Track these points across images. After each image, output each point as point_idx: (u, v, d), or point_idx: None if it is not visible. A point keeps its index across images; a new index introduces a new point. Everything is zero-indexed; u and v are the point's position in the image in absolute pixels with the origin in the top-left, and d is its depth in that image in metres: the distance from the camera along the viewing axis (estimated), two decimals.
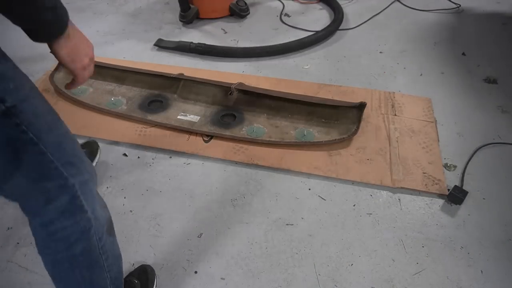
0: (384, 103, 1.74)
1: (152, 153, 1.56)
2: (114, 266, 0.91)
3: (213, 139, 1.59)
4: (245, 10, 2.39)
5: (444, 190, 1.38)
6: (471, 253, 1.23)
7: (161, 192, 1.42)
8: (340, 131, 1.56)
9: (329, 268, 1.20)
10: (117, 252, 0.95)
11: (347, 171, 1.45)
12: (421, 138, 1.57)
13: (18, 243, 1.28)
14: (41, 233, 0.77)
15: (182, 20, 2.36)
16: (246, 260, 1.23)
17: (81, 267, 0.81)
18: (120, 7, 2.59)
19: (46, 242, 0.79)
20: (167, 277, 1.19)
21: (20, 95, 0.64)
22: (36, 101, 0.69)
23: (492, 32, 2.24)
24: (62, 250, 0.78)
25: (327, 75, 1.96)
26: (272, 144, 1.52)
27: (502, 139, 1.58)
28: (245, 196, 1.40)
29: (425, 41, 2.18)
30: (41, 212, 0.73)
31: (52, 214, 0.73)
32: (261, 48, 2.06)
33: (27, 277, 1.19)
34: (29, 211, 0.75)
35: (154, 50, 2.17)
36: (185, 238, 1.29)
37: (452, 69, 1.97)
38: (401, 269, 1.19)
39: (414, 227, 1.30)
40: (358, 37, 2.24)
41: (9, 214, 1.36)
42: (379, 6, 2.50)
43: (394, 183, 1.41)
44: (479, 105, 1.75)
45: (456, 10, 2.45)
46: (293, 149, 1.53)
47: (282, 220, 1.33)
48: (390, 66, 2.01)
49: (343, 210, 1.35)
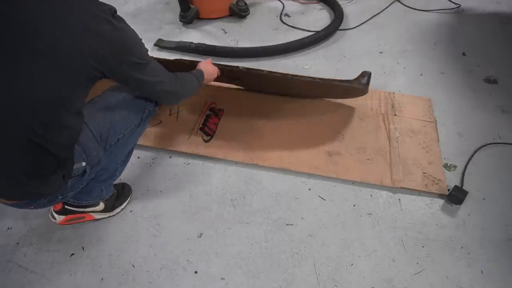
0: (384, 103, 1.74)
1: (152, 153, 1.56)
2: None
3: (213, 139, 1.59)
4: (245, 10, 2.39)
5: (444, 190, 1.38)
6: (471, 253, 1.23)
7: (161, 192, 1.42)
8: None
9: (329, 268, 1.20)
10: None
11: (347, 171, 1.45)
12: (421, 138, 1.57)
13: (18, 243, 1.28)
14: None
15: (182, 20, 2.36)
16: (246, 260, 1.23)
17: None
18: (120, 7, 2.59)
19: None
20: (167, 277, 1.19)
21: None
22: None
23: (492, 32, 2.23)
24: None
25: (327, 75, 1.94)
26: (296, 81, 1.46)
27: (502, 139, 1.58)
28: (245, 196, 1.40)
29: (425, 41, 2.18)
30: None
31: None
32: (261, 48, 2.06)
33: (27, 277, 1.19)
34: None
35: (154, 50, 2.17)
36: (185, 238, 1.29)
37: (452, 69, 1.97)
38: (401, 269, 1.19)
39: (414, 227, 1.30)
40: (358, 37, 2.24)
41: (9, 214, 1.36)
42: (379, 6, 2.49)
43: (394, 183, 1.41)
44: (479, 105, 1.75)
45: (456, 10, 2.45)
46: (293, 149, 1.53)
47: (282, 220, 1.33)
48: (390, 66, 2.01)
49: (343, 210, 1.35)
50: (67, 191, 1.00)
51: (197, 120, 1.67)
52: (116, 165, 1.20)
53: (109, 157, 1.08)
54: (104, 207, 1.30)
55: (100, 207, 1.29)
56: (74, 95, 0.85)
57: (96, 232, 1.30)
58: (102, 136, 1.01)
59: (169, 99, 1.14)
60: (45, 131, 0.82)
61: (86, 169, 0.99)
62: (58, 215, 1.27)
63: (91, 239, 1.29)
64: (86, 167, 0.98)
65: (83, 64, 0.81)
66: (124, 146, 1.14)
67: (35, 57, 0.76)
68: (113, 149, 1.07)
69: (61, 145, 0.88)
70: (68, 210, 1.26)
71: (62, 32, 0.77)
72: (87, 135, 0.98)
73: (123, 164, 1.25)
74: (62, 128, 0.86)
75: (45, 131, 0.82)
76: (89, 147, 0.98)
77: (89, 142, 0.98)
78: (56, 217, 1.27)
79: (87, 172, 1.00)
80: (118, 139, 1.07)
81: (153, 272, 1.20)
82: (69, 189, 1.00)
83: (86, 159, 0.97)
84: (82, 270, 1.21)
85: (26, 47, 0.75)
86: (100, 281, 1.18)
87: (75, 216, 1.28)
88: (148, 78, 0.97)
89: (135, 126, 1.11)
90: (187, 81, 1.15)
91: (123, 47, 0.87)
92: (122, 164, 1.24)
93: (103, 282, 1.18)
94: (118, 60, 0.87)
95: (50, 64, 0.77)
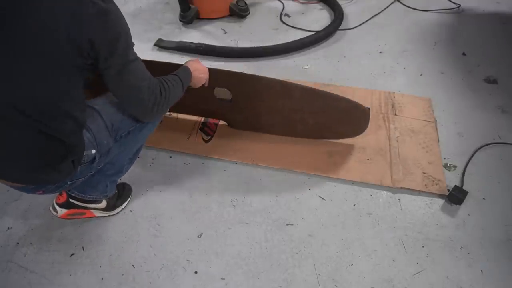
0: (384, 103, 1.74)
1: (152, 153, 1.57)
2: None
3: (213, 139, 1.59)
4: (245, 10, 2.39)
5: (444, 190, 1.38)
6: (471, 253, 1.23)
7: (161, 192, 1.42)
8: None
9: (329, 268, 1.20)
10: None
11: (347, 171, 1.45)
12: (421, 138, 1.57)
13: (18, 243, 1.28)
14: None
15: (182, 20, 2.36)
16: (246, 260, 1.23)
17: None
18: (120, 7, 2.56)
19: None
20: (167, 277, 1.19)
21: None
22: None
23: (492, 32, 2.24)
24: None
25: (327, 75, 1.96)
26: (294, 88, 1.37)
27: (502, 139, 1.58)
28: (245, 196, 1.40)
29: (425, 41, 2.18)
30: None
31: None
32: (261, 48, 2.06)
33: (27, 277, 1.19)
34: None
35: (154, 50, 2.17)
36: (185, 238, 1.29)
37: (452, 69, 1.97)
38: (401, 269, 1.19)
39: (414, 227, 1.30)
40: (358, 37, 2.24)
41: (9, 214, 1.36)
42: (379, 6, 2.50)
43: (394, 183, 1.41)
44: (479, 105, 1.74)
45: (456, 10, 2.45)
46: (293, 149, 1.53)
47: (282, 220, 1.33)
48: (390, 66, 2.01)
49: (343, 210, 1.35)
50: (76, 177, 1.02)
51: (197, 120, 1.67)
52: (124, 161, 1.21)
53: (119, 149, 1.09)
54: (106, 205, 1.31)
55: (102, 204, 1.30)
56: (66, 84, 0.86)
57: (96, 232, 1.31)
58: (114, 126, 1.03)
59: (138, 112, 1.01)
60: (47, 120, 0.85)
61: (95, 157, 1.00)
62: (61, 208, 1.27)
63: (91, 239, 1.29)
64: (96, 155, 1.00)
65: (72, 54, 0.82)
66: (133, 141, 1.14)
67: (24, 49, 0.78)
68: (123, 141, 1.08)
69: (67, 132, 0.90)
70: (72, 203, 1.27)
71: (51, 22, 0.78)
72: (99, 124, 1.00)
73: (130, 162, 1.26)
74: (65, 118, 0.88)
75: (47, 120, 0.85)
76: (100, 136, 0.99)
77: (100, 130, 0.99)
78: (58, 210, 1.27)
79: (96, 160, 1.01)
80: (128, 131, 1.08)
81: (153, 272, 1.20)
82: (78, 175, 1.02)
83: (96, 147, 0.99)
84: (82, 270, 1.21)
85: (15, 42, 0.77)
86: (100, 281, 1.18)
87: (77, 211, 1.29)
88: (124, 77, 0.91)
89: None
90: (171, 91, 1.02)
91: (110, 33, 0.85)
92: (129, 162, 1.25)
93: (103, 282, 1.18)
94: (102, 46, 0.84)
95: (40, 55, 0.79)
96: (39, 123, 0.84)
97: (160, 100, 0.98)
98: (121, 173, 1.26)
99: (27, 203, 1.39)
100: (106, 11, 0.83)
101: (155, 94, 0.96)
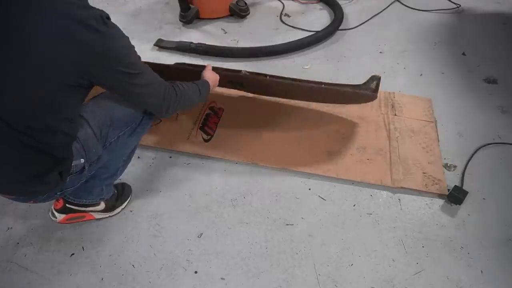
0: (384, 103, 1.74)
1: (152, 153, 1.56)
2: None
3: (213, 139, 1.59)
4: (245, 10, 2.39)
5: (444, 190, 1.38)
6: (471, 253, 1.23)
7: (161, 192, 1.42)
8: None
9: (329, 268, 1.20)
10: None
11: (347, 171, 1.45)
12: (421, 138, 1.57)
13: (18, 243, 1.28)
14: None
15: (182, 20, 2.36)
16: (246, 260, 1.23)
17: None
18: (120, 7, 2.59)
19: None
20: (167, 277, 1.19)
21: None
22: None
23: (492, 32, 2.23)
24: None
25: (327, 75, 1.95)
26: (301, 85, 1.42)
27: (502, 139, 1.58)
28: (245, 196, 1.40)
29: (425, 41, 2.18)
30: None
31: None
32: (261, 48, 2.06)
33: (27, 277, 1.19)
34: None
35: (154, 50, 2.17)
36: (185, 238, 1.29)
37: (452, 69, 1.97)
38: (401, 269, 1.19)
39: (414, 227, 1.30)
40: (358, 37, 2.24)
41: (9, 214, 1.36)
42: (379, 6, 2.49)
43: (394, 183, 1.41)
44: (479, 105, 1.74)
45: (456, 10, 2.45)
46: (293, 148, 1.53)
47: (282, 220, 1.33)
48: (390, 66, 2.01)
49: (343, 210, 1.35)
50: (65, 187, 1.01)
51: (197, 120, 1.67)
52: (118, 165, 1.20)
53: (110, 155, 1.08)
54: (105, 207, 1.31)
55: (100, 206, 1.29)
56: (60, 102, 0.85)
57: (96, 232, 1.30)
58: (102, 132, 1.01)
59: (158, 112, 1.06)
60: (35, 134, 0.84)
61: (84, 166, 0.99)
62: (59, 213, 1.27)
63: (91, 239, 1.29)
64: (85, 164, 0.99)
65: (63, 72, 0.81)
66: (125, 145, 1.14)
67: (14, 63, 0.77)
68: (113, 147, 1.07)
69: (56, 146, 0.89)
70: (69, 208, 1.26)
71: (43, 39, 0.77)
72: (87, 132, 0.98)
73: (124, 164, 1.25)
74: (53, 133, 0.86)
75: (35, 134, 0.84)
76: (88, 144, 0.98)
77: (88, 139, 0.98)
78: (57, 215, 1.27)
79: (85, 169, 1.00)
80: (118, 136, 1.07)
81: (153, 272, 1.20)
82: (68, 185, 1.00)
83: (85, 156, 0.98)
84: (82, 270, 1.21)
85: (6, 54, 0.77)
86: (100, 281, 1.18)
87: (75, 215, 1.28)
88: (135, 89, 0.94)
89: (135, 124, 1.11)
90: (187, 94, 1.10)
91: (108, 55, 0.84)
92: (124, 164, 1.24)
93: (103, 282, 1.18)
94: (101, 69, 0.85)
95: (29, 70, 0.78)
96: (25, 136, 0.82)
97: (175, 101, 1.04)
98: (116, 176, 1.25)
99: (27, 203, 1.39)
100: (106, 36, 0.83)
101: (170, 97, 1.02)
